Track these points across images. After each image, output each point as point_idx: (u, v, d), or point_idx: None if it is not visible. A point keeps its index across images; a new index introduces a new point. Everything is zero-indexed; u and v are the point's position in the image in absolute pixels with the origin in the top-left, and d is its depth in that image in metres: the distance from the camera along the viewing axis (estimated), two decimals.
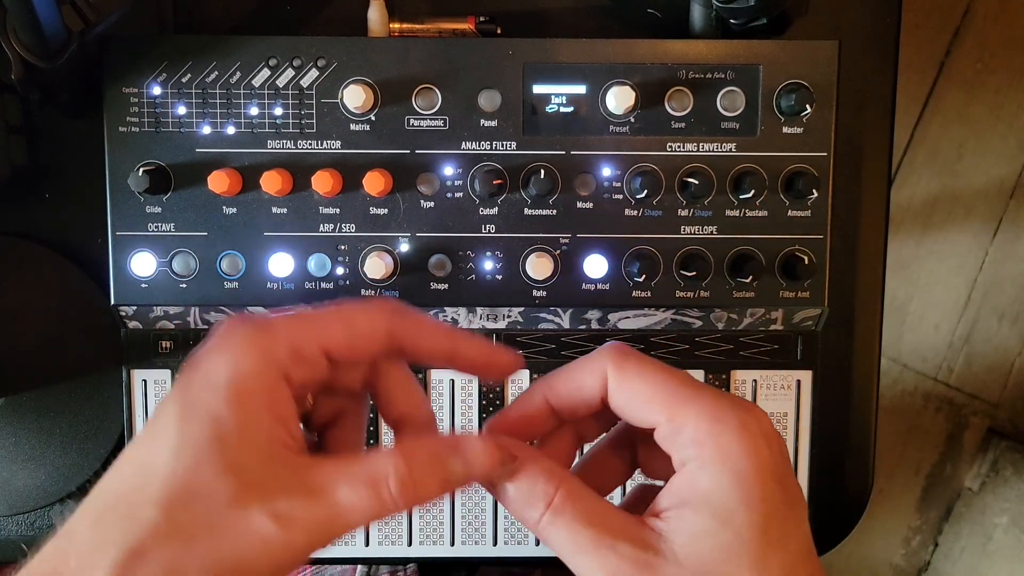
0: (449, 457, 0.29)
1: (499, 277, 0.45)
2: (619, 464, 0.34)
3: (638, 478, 0.34)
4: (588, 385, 0.31)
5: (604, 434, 0.34)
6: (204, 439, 0.26)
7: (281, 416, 0.28)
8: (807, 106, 0.43)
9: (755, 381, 0.48)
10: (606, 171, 0.44)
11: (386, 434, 0.48)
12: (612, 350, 0.31)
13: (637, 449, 0.33)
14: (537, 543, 0.48)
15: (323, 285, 0.45)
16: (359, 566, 0.51)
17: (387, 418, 0.33)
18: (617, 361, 0.30)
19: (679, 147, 0.44)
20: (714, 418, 0.29)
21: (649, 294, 0.45)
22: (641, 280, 0.45)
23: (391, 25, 0.47)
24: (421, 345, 0.31)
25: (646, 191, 0.44)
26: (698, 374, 0.47)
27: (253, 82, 0.44)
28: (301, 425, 0.31)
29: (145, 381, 0.47)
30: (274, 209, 0.44)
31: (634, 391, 0.30)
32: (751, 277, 0.44)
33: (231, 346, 0.28)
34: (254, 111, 0.44)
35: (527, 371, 0.47)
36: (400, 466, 0.28)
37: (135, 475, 0.27)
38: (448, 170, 0.44)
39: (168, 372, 0.47)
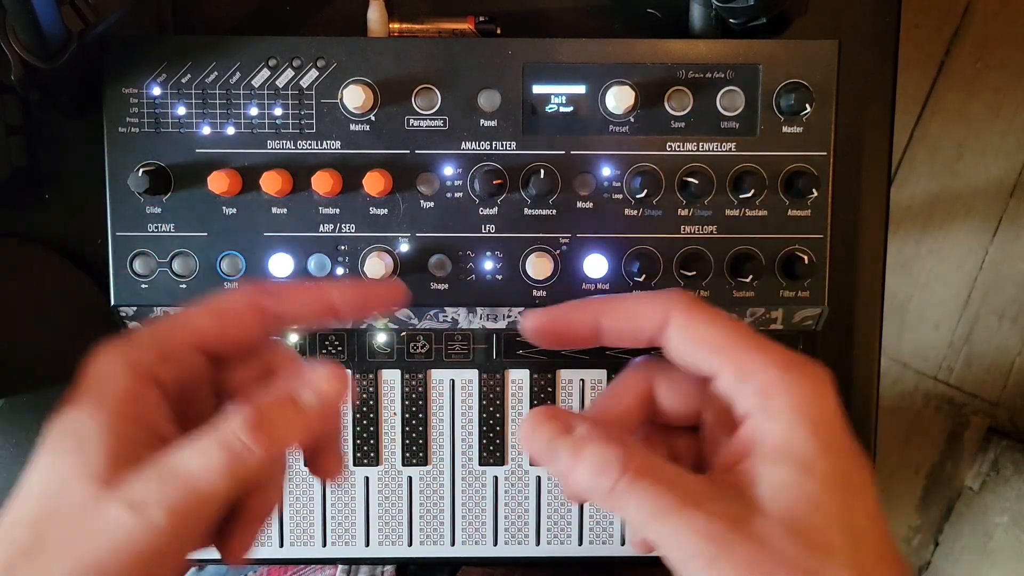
0: (295, 391, 0.30)
1: (499, 277, 0.45)
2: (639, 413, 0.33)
3: None
4: (648, 318, 0.30)
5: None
6: (69, 453, 0.28)
7: (145, 415, 0.29)
8: (807, 105, 0.43)
9: None
10: (606, 171, 0.44)
11: (386, 448, 0.48)
12: (679, 293, 0.30)
13: (655, 404, 0.33)
14: (537, 543, 0.48)
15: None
16: (339, 566, 0.51)
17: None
18: (685, 303, 0.30)
19: (679, 147, 0.44)
20: (784, 367, 0.28)
21: None
22: (641, 280, 0.45)
23: (391, 25, 0.47)
24: (291, 309, 0.32)
25: (646, 191, 0.44)
26: None
27: (253, 82, 0.44)
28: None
29: None
30: (274, 209, 0.44)
31: (700, 336, 0.29)
32: (751, 277, 0.44)
33: (96, 363, 0.29)
34: (254, 111, 0.44)
35: (527, 371, 0.47)
36: (247, 413, 0.29)
37: (19, 502, 0.28)
38: (448, 170, 0.44)
39: None
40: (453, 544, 0.48)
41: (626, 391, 0.33)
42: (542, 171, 0.44)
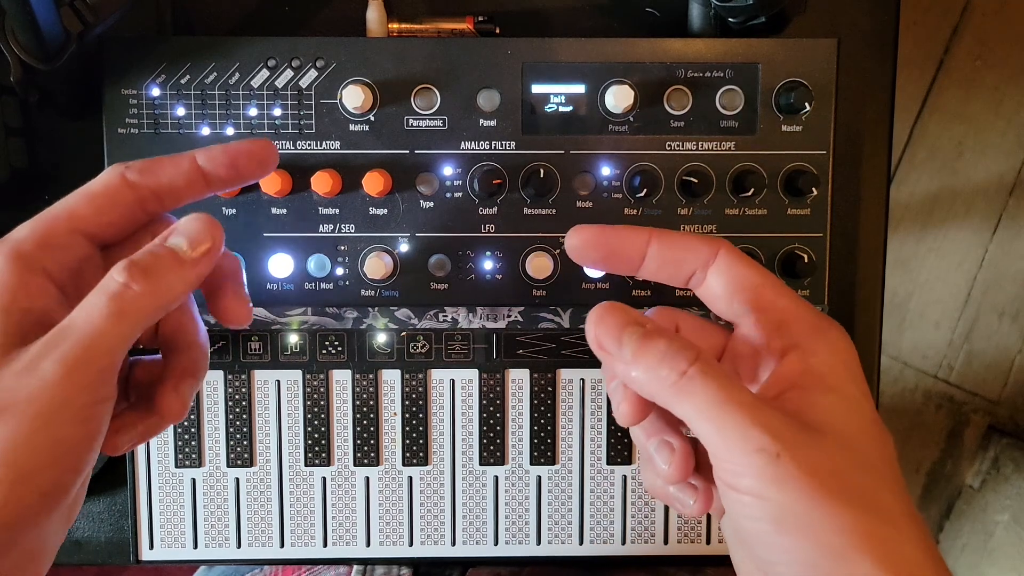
0: (167, 238, 0.31)
1: (499, 277, 0.45)
2: None
3: None
4: (699, 251, 0.32)
5: None
6: None
7: (36, 300, 0.30)
8: (806, 104, 0.43)
9: None
10: (605, 170, 0.44)
11: (387, 441, 0.48)
12: (725, 242, 0.32)
13: None
14: (537, 543, 0.48)
15: (323, 285, 0.45)
16: (355, 566, 0.51)
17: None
18: (732, 247, 0.32)
19: (678, 146, 0.44)
20: (822, 317, 0.31)
21: (649, 293, 0.45)
22: (641, 279, 0.45)
23: (390, 25, 0.47)
24: (164, 181, 0.33)
25: (645, 190, 0.44)
26: None
27: (252, 83, 0.44)
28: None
29: None
30: (273, 210, 0.44)
31: (745, 276, 0.32)
32: None
33: None
34: (253, 112, 0.44)
35: (527, 371, 0.47)
36: (124, 263, 0.29)
37: None
38: (447, 170, 0.44)
39: None
40: (454, 544, 0.48)
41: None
42: (542, 171, 0.44)
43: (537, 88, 0.44)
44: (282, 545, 0.48)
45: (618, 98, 0.43)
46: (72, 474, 0.28)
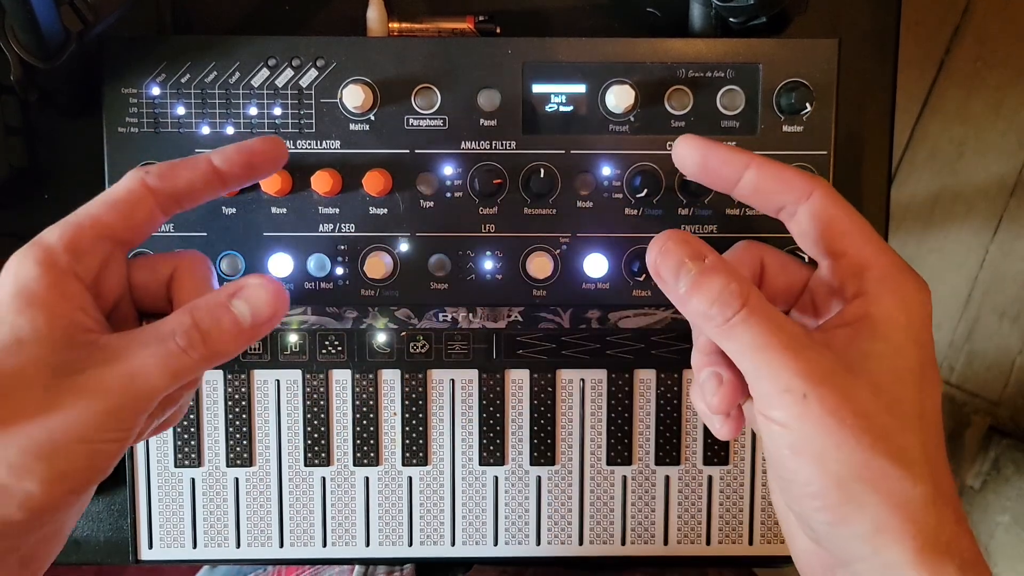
0: (231, 299, 0.32)
1: (499, 277, 0.45)
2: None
3: None
4: (795, 185, 0.33)
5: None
6: (6, 344, 0.29)
7: (74, 306, 0.31)
8: (807, 104, 0.43)
9: None
10: (606, 170, 0.44)
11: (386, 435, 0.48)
12: (824, 181, 0.33)
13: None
14: (537, 543, 0.48)
15: (323, 285, 0.45)
16: (356, 566, 0.51)
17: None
18: (828, 187, 0.33)
19: None
20: (900, 267, 0.32)
21: (649, 293, 0.45)
22: (641, 279, 0.45)
23: (390, 25, 0.47)
24: (182, 184, 0.34)
25: (646, 190, 0.44)
26: None
27: (252, 82, 0.44)
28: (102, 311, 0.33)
29: None
30: (273, 209, 0.44)
31: (836, 217, 0.33)
32: None
33: (9, 266, 0.31)
34: (253, 111, 0.44)
35: (527, 371, 0.47)
36: (183, 318, 0.31)
37: None
38: (448, 170, 0.44)
39: None
40: (453, 544, 0.48)
41: (742, 260, 0.35)
42: (542, 171, 0.44)
43: (538, 88, 0.44)
44: (281, 545, 0.48)
45: (619, 98, 0.43)
46: (99, 476, 0.31)
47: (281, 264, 0.44)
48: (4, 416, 0.28)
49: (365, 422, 0.47)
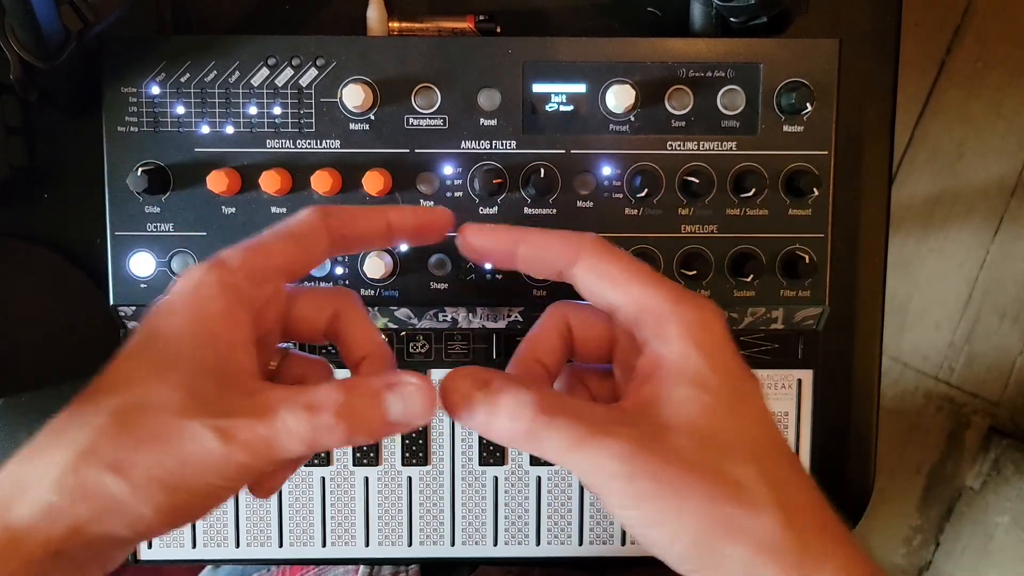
0: (386, 393, 0.30)
1: (499, 277, 0.45)
2: (560, 355, 0.36)
3: None
4: (560, 252, 0.34)
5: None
6: (162, 358, 0.29)
7: (238, 340, 0.30)
8: (808, 104, 0.43)
9: None
10: (606, 170, 0.44)
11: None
12: (592, 235, 0.34)
13: (572, 342, 0.36)
14: (537, 543, 0.48)
15: (323, 285, 0.45)
16: (361, 566, 0.51)
17: (348, 361, 0.35)
18: (595, 243, 0.33)
19: (679, 146, 0.44)
20: (676, 300, 0.32)
21: None
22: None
23: (390, 24, 0.47)
24: (358, 229, 0.34)
25: (646, 190, 0.43)
26: None
27: (252, 81, 0.44)
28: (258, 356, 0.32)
29: None
30: (273, 209, 0.44)
31: (605, 271, 0.33)
32: (751, 276, 0.44)
33: (190, 279, 0.31)
34: (253, 111, 0.44)
35: None
36: (339, 396, 0.30)
37: (92, 393, 0.29)
38: (448, 169, 0.44)
39: None
40: (453, 544, 0.48)
41: (546, 329, 0.36)
42: (542, 170, 0.44)
43: (538, 87, 0.44)
44: (281, 545, 0.48)
45: (619, 98, 0.43)
46: (204, 515, 0.32)
47: None
48: (142, 435, 0.28)
49: None
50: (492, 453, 0.48)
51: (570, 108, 0.44)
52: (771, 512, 0.29)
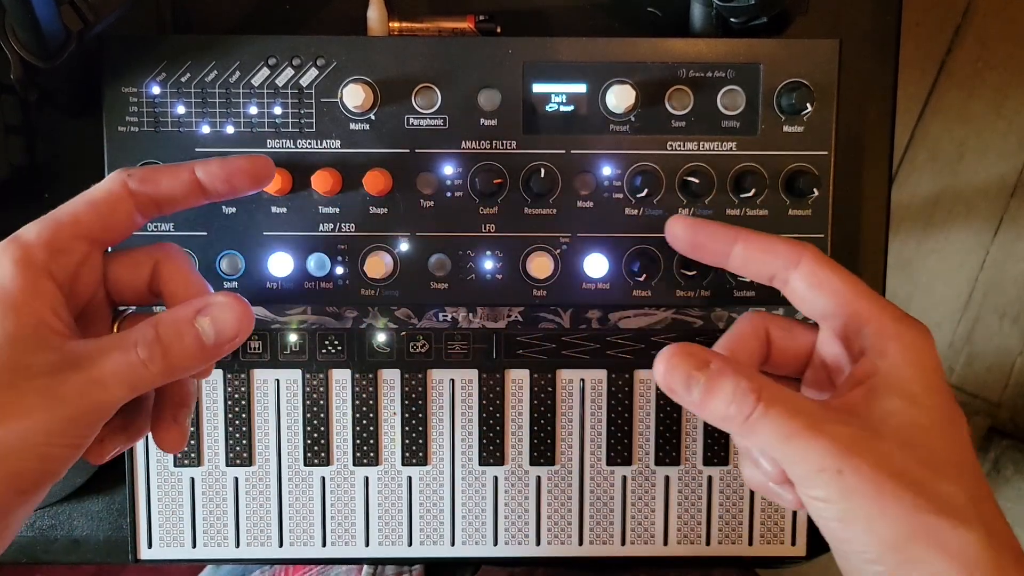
0: (197, 317, 0.32)
1: (499, 277, 0.45)
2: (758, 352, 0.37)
3: None
4: (782, 254, 0.35)
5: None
6: None
7: (45, 307, 0.31)
8: (808, 105, 0.43)
9: None
10: (606, 170, 0.44)
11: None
12: (811, 245, 0.35)
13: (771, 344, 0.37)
14: (537, 543, 0.48)
15: (323, 285, 0.45)
16: (364, 566, 0.51)
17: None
18: (816, 251, 0.35)
19: (679, 146, 0.44)
20: (898, 318, 0.33)
21: (649, 293, 0.45)
22: (642, 279, 0.45)
23: (390, 24, 0.47)
24: (163, 190, 0.35)
25: (646, 190, 0.44)
26: None
27: (252, 81, 0.44)
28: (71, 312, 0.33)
29: None
30: (273, 208, 0.44)
31: (827, 280, 0.34)
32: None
33: None
34: (253, 110, 0.44)
35: (527, 371, 0.47)
36: (147, 330, 0.31)
37: None
38: (448, 169, 0.44)
39: None
40: (453, 544, 0.48)
41: (746, 335, 0.37)
42: (542, 170, 0.44)
43: (538, 88, 0.44)
44: (281, 545, 0.48)
45: (619, 98, 0.43)
46: (50, 480, 0.31)
47: (281, 263, 0.44)
48: None
49: (365, 422, 0.47)
50: (492, 453, 0.48)
51: (570, 108, 0.44)
52: (975, 530, 0.29)
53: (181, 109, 0.44)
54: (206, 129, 0.44)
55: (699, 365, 0.32)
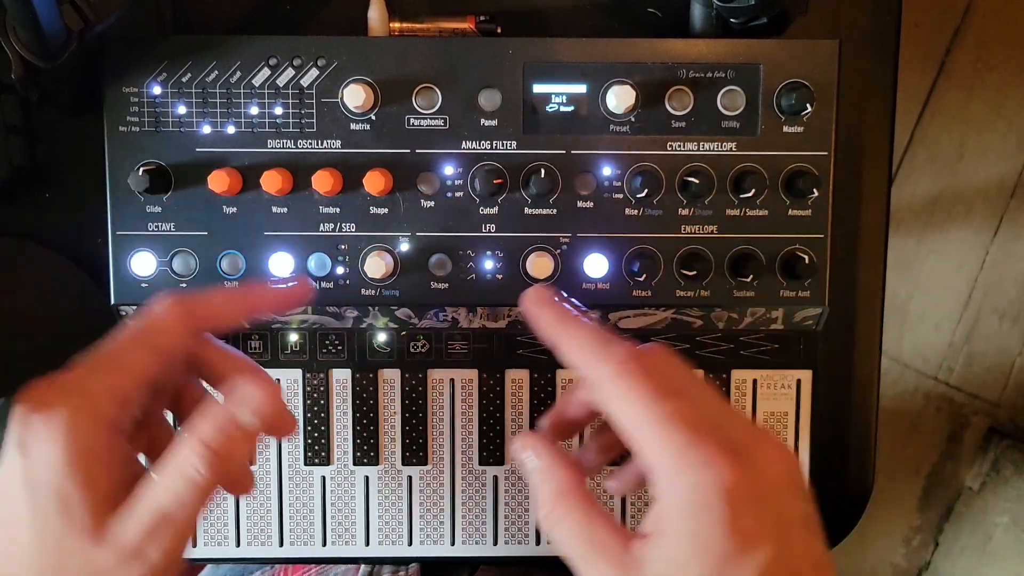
0: (235, 415, 0.33)
1: (499, 277, 0.45)
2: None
3: None
4: (587, 376, 0.34)
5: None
6: (57, 515, 0.30)
7: (116, 461, 0.32)
8: (807, 105, 0.43)
9: (755, 380, 0.48)
10: (606, 170, 0.44)
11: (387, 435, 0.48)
12: (616, 362, 0.33)
13: None
14: (537, 542, 0.48)
15: (323, 285, 0.45)
16: (362, 566, 0.51)
17: (219, 387, 0.37)
18: (614, 376, 0.32)
19: (679, 146, 0.44)
20: (679, 456, 0.30)
21: (649, 293, 0.45)
22: (641, 279, 0.45)
23: (391, 24, 0.47)
24: (220, 318, 0.36)
25: (646, 190, 0.44)
26: (698, 374, 0.47)
27: (253, 82, 0.44)
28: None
29: None
30: (274, 209, 0.44)
31: (616, 413, 0.32)
32: (751, 276, 0.44)
33: (59, 421, 0.31)
34: (254, 111, 0.44)
35: (527, 371, 0.47)
36: (196, 446, 0.32)
37: (13, 561, 0.31)
38: (448, 169, 0.44)
39: None
40: (453, 544, 0.48)
41: (575, 405, 0.39)
42: (542, 170, 0.44)
43: (538, 88, 0.44)
44: (281, 544, 0.48)
45: (619, 98, 0.43)
46: None
47: (281, 263, 0.44)
48: None
49: (365, 421, 0.47)
50: (492, 453, 0.48)
51: (570, 108, 0.44)
52: None
53: (182, 109, 0.44)
54: (207, 129, 0.44)
55: (526, 445, 0.35)
